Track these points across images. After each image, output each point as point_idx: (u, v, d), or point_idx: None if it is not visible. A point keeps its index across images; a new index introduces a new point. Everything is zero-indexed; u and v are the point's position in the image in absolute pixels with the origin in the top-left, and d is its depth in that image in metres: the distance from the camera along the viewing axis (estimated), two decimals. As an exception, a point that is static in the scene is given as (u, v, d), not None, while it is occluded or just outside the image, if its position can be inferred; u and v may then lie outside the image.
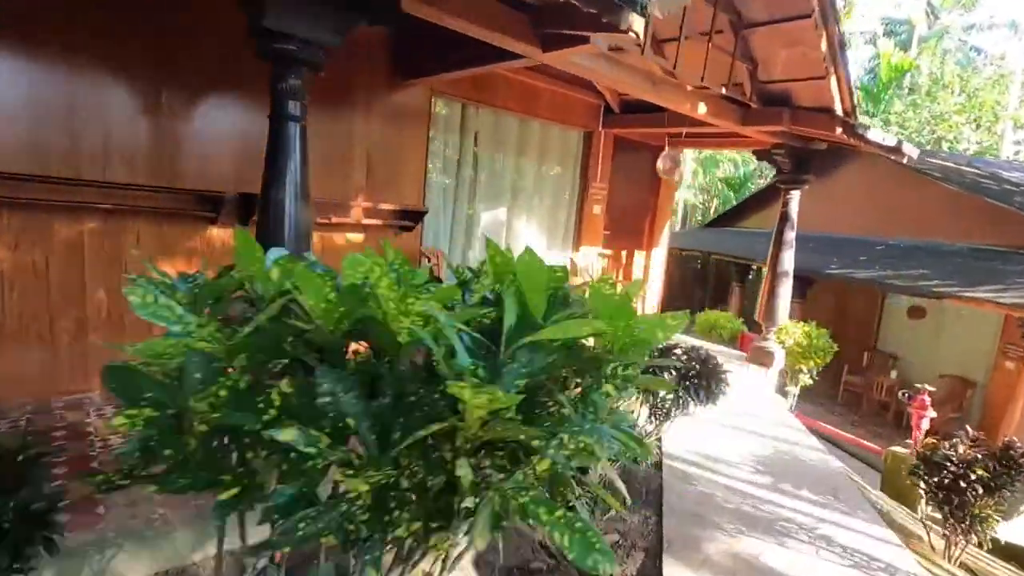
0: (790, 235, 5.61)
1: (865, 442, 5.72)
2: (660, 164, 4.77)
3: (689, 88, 4.08)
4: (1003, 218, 7.96)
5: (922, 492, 3.26)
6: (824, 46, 3.85)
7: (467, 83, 4.65)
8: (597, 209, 6.04)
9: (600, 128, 5.81)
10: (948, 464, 3.19)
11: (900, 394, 5.97)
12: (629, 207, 6.64)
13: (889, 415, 9.08)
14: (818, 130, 4.41)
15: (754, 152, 5.85)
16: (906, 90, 18.79)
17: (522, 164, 5.53)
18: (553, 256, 5.88)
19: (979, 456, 3.19)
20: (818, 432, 6.46)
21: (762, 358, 5.81)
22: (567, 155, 5.82)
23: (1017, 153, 16.39)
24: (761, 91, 4.51)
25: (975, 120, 15.36)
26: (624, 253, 6.71)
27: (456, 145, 4.93)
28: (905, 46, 20.46)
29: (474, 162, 5.08)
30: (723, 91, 4.15)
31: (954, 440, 3.33)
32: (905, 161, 5.35)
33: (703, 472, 3.68)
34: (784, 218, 5.62)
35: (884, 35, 22.99)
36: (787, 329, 6.88)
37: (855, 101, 4.14)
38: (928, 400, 5.32)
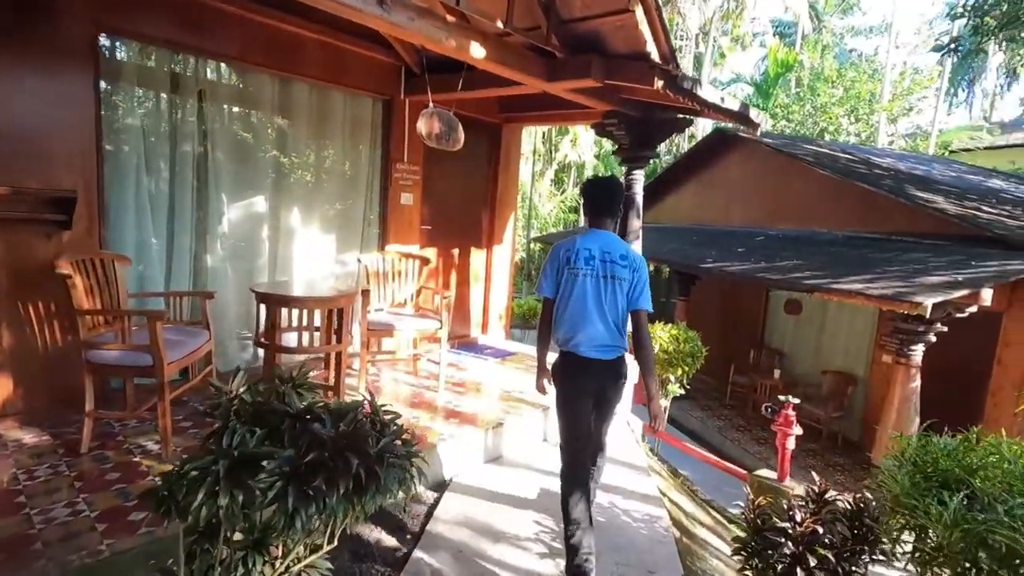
0: (635, 223, 4.65)
1: (730, 465, 4.88)
2: (421, 127, 3.63)
3: (450, 19, 2.94)
4: (873, 204, 7.54)
5: (750, 580, 2.27)
6: (619, -39, 2.83)
7: (165, 20, 3.30)
8: (407, 198, 4.84)
9: (403, 96, 4.60)
10: (782, 540, 2.22)
11: (764, 408, 5.18)
12: (460, 197, 5.49)
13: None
14: (636, 83, 3.42)
15: (592, 127, 4.86)
16: (792, 83, 19.12)
17: (287, 139, 4.23)
18: (346, 259, 4.62)
19: (825, 525, 2.24)
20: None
21: (610, 374, 4.81)
22: (358, 129, 4.57)
23: (891, 143, 16.94)
24: (565, 35, 3.47)
25: (852, 112, 15.64)
26: (456, 252, 5.55)
27: (164, 109, 3.56)
28: (792, 46, 20.93)
29: (201, 134, 3.72)
30: (500, 25, 3.05)
31: (794, 502, 2.39)
32: (758, 133, 4.55)
33: (473, 562, 2.54)
34: (628, 204, 4.65)
35: (774, 35, 23.66)
36: (652, 333, 6.00)
37: (672, 45, 3.17)
38: (793, 415, 4.52)
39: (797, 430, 4.45)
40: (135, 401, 3.15)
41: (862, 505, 2.29)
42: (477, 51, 3.08)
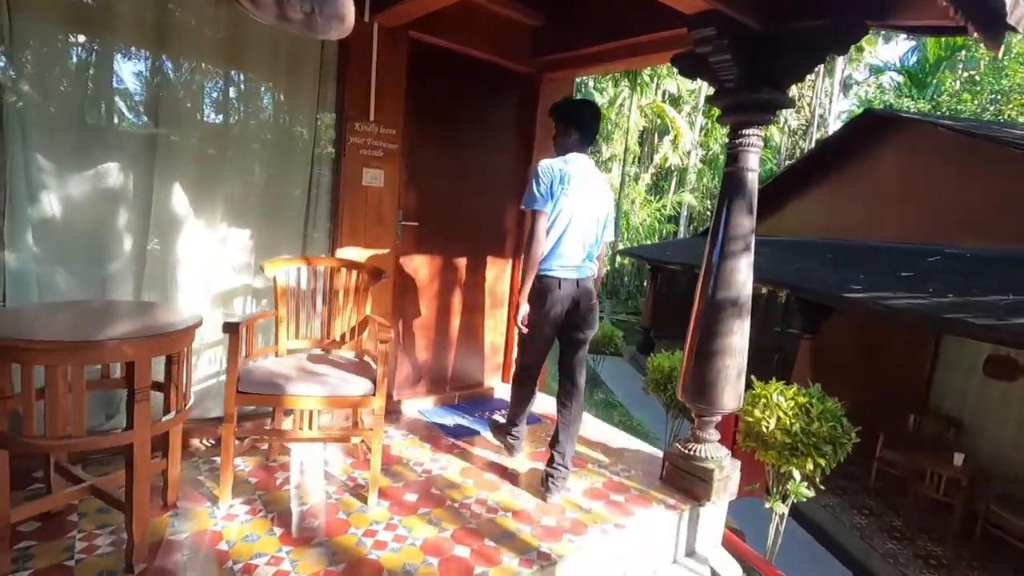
0: (744, 224, 2.61)
1: None
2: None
3: None
4: None
5: None
6: None
7: None
8: (374, 177, 3.16)
9: (367, 17, 2.95)
10: None
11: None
12: (470, 180, 3.72)
13: (955, 522, 5.77)
14: None
15: (675, 63, 2.88)
16: (960, 70, 15.36)
17: (170, 78, 2.71)
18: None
19: None
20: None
21: (686, 482, 2.79)
22: (297, 68, 2.97)
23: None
24: None
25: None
26: (463, 263, 3.78)
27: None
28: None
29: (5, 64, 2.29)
30: None
31: None
32: (1001, 52, 2.35)
33: None
34: (732, 187, 2.63)
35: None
36: (765, 397, 3.89)
37: None
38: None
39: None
40: None
41: None
42: None
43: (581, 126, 2.57)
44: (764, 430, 3.78)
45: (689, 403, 2.80)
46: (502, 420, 3.05)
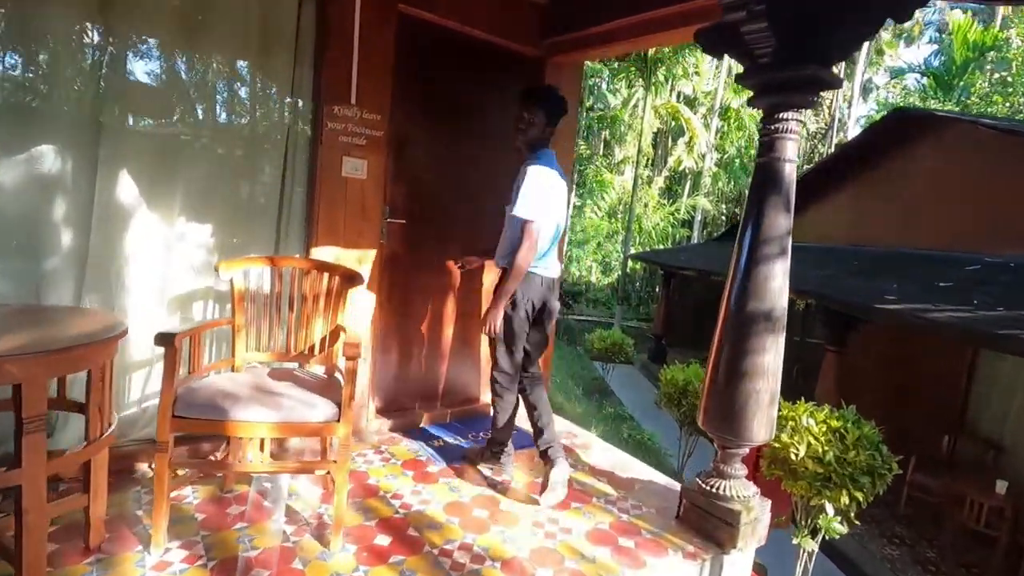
0: (780, 223, 2.22)
1: None
2: None
3: None
4: None
5: None
6: None
7: None
8: (355, 167, 2.81)
9: (348, -14, 2.61)
10: None
11: None
12: (467, 174, 3.36)
13: (998, 555, 5.28)
14: None
15: (698, 37, 2.49)
16: (988, 71, 14.79)
17: (120, 52, 2.38)
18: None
19: None
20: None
21: (707, 525, 2.39)
22: (269, 44, 2.63)
23: None
24: None
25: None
26: (455, 267, 3.41)
27: None
28: (986, 23, 16.41)
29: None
30: None
31: None
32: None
33: None
34: (766, 180, 2.24)
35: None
36: (793, 419, 3.54)
37: None
38: None
39: None
40: None
41: None
42: None
43: (559, 120, 2.60)
44: (793, 457, 3.40)
45: (712, 432, 2.40)
46: (479, 447, 2.91)
